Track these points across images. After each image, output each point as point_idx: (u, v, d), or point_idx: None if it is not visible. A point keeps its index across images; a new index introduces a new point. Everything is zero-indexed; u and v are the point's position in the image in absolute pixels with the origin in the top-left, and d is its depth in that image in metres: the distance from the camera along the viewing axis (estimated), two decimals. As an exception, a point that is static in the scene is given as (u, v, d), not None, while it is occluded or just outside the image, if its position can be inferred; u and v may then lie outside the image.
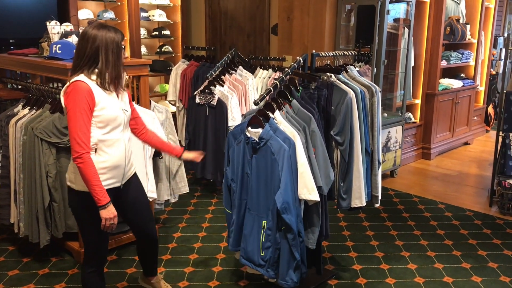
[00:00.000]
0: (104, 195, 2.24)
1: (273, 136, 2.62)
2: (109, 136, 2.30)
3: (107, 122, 2.27)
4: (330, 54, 3.23)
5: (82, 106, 2.17)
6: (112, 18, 6.01)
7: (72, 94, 2.19)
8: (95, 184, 2.21)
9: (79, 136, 2.17)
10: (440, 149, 6.29)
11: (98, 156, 2.27)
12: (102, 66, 2.23)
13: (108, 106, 2.27)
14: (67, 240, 3.51)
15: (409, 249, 3.72)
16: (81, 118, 2.17)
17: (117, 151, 2.33)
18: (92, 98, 2.20)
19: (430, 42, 5.86)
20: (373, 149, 3.12)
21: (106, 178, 2.31)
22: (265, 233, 2.70)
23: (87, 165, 2.18)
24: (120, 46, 2.28)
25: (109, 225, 2.28)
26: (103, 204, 2.23)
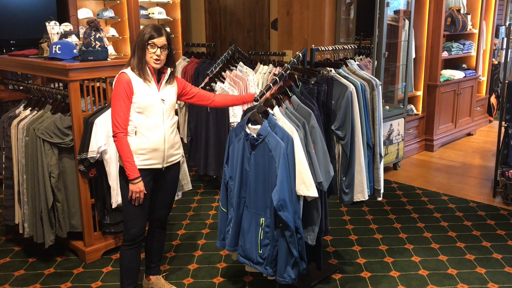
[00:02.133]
0: (133, 170, 2.56)
1: (271, 133, 2.62)
2: (148, 121, 2.60)
3: (144, 108, 2.58)
4: (329, 48, 3.22)
5: (121, 93, 2.54)
6: (112, 17, 6.02)
7: (115, 83, 2.58)
8: (126, 160, 2.56)
9: (116, 118, 2.55)
10: (443, 141, 6.28)
11: (138, 138, 2.60)
12: (133, 59, 2.59)
13: (145, 94, 2.58)
14: (71, 240, 3.53)
15: (413, 241, 3.72)
16: (119, 103, 2.54)
17: (155, 135, 2.62)
18: (130, 87, 2.55)
19: (430, 33, 5.84)
20: (375, 143, 3.11)
21: (145, 158, 2.62)
22: (263, 230, 2.70)
23: (121, 144, 2.55)
24: (145, 42, 2.54)
25: (135, 198, 2.59)
26: (131, 178, 2.56)
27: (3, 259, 3.52)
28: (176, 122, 2.78)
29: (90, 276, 3.27)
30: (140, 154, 2.61)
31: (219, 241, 2.99)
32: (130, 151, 2.57)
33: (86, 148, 3.20)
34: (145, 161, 2.63)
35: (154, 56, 2.57)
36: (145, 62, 2.58)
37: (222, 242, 2.97)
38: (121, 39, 6.14)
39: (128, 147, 2.57)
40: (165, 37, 2.59)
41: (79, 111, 3.27)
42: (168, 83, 2.70)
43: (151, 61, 2.58)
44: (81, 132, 3.26)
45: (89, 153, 3.19)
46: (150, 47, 2.56)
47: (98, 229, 3.51)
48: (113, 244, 3.58)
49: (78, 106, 3.26)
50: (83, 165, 3.26)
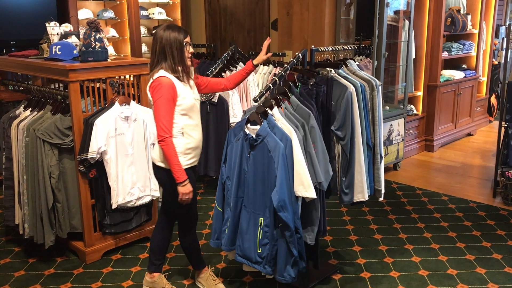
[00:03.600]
0: (182, 173, 2.60)
1: (270, 133, 2.62)
2: (191, 121, 2.69)
3: (187, 109, 2.65)
4: (329, 49, 3.22)
5: (166, 97, 2.53)
6: (112, 17, 6.02)
7: (158, 88, 2.54)
8: (174, 163, 2.58)
9: (163, 122, 2.54)
10: (443, 141, 6.28)
11: (185, 139, 2.66)
12: (170, 62, 2.57)
13: (187, 96, 2.64)
14: (72, 240, 3.54)
15: (413, 242, 3.72)
16: (164, 107, 2.54)
17: (197, 134, 2.73)
18: (174, 91, 2.56)
19: (430, 33, 5.84)
20: (375, 143, 3.11)
21: (191, 157, 2.72)
22: (262, 230, 2.70)
23: (169, 147, 2.55)
24: (182, 42, 2.57)
25: (185, 199, 2.65)
26: (180, 181, 2.60)
27: (4, 259, 3.52)
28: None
29: (90, 277, 3.27)
30: (187, 154, 2.69)
31: (213, 240, 2.99)
32: (177, 155, 2.60)
33: (86, 148, 3.20)
34: (191, 159, 2.73)
35: (189, 54, 2.64)
36: (185, 63, 2.62)
37: (217, 242, 2.97)
38: (121, 39, 6.14)
39: (175, 150, 2.59)
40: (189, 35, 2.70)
41: (79, 112, 3.27)
42: (193, 81, 2.78)
43: (187, 60, 2.64)
44: (81, 133, 3.26)
45: (89, 154, 3.19)
46: (187, 46, 2.62)
47: (98, 230, 3.51)
48: (113, 244, 3.58)
49: (78, 106, 3.26)
50: (83, 166, 3.26)
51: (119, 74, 3.45)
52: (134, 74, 3.54)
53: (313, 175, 2.69)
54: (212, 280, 3.07)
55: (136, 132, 3.38)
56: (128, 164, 3.35)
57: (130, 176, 3.36)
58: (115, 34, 6.08)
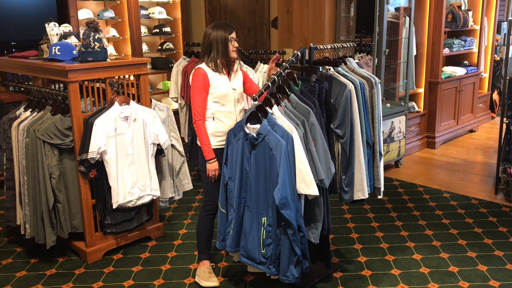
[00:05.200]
0: (209, 152, 2.93)
1: (271, 132, 2.62)
2: (223, 108, 2.97)
3: (219, 97, 2.94)
4: (328, 46, 3.21)
5: (199, 86, 2.90)
6: (112, 17, 6.02)
7: (194, 77, 2.94)
8: (203, 143, 2.94)
9: (195, 107, 2.92)
10: (445, 138, 6.26)
11: (215, 123, 2.97)
12: (214, 55, 2.92)
13: (220, 85, 2.93)
14: (73, 240, 3.55)
15: (414, 239, 3.71)
16: (197, 94, 2.91)
17: (228, 120, 2.99)
18: (206, 80, 2.91)
19: (431, 30, 5.82)
20: (374, 141, 3.10)
21: (221, 140, 2.98)
22: (266, 229, 2.70)
23: (199, 129, 2.93)
24: (227, 39, 2.91)
25: (212, 176, 2.97)
26: (207, 159, 2.95)
27: (5, 260, 3.54)
28: (244, 107, 3.12)
29: (92, 277, 3.28)
30: (217, 136, 2.97)
31: (218, 242, 2.99)
32: (207, 136, 2.94)
33: (86, 149, 3.21)
34: (220, 142, 2.98)
35: (234, 48, 2.96)
36: (228, 56, 2.94)
37: (222, 243, 2.97)
38: (121, 39, 6.15)
39: (205, 132, 2.94)
40: (234, 31, 2.99)
41: (78, 112, 3.27)
42: (237, 73, 3.06)
43: (232, 53, 2.96)
44: (81, 133, 3.27)
45: (89, 154, 3.19)
46: (232, 41, 2.94)
47: (99, 230, 3.52)
48: (115, 244, 3.59)
49: (77, 107, 3.26)
50: (83, 166, 3.27)
51: (118, 74, 3.45)
52: (133, 74, 3.54)
53: (314, 173, 2.68)
54: (208, 273, 3.15)
55: (136, 131, 3.38)
56: (128, 164, 3.35)
57: (131, 176, 3.36)
58: (115, 34, 6.08)
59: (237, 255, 2.98)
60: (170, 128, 3.86)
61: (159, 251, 3.62)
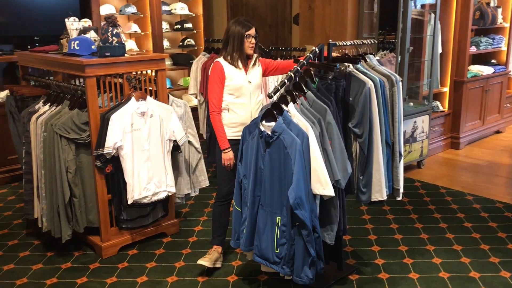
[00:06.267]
0: (224, 142, 3.04)
1: (286, 130, 2.57)
2: (237, 100, 3.06)
3: (234, 90, 3.04)
4: (348, 43, 3.13)
5: (215, 78, 3.04)
6: (134, 13, 6.04)
7: (212, 70, 3.07)
8: (218, 134, 3.05)
9: (211, 99, 3.05)
10: (470, 138, 6.09)
11: (230, 114, 3.08)
12: (230, 49, 3.04)
13: (235, 78, 3.04)
14: (89, 235, 3.56)
15: (434, 242, 3.61)
16: (213, 87, 3.04)
17: (244, 112, 3.08)
18: (222, 73, 3.03)
19: (458, 27, 5.66)
20: (394, 141, 3.02)
21: (235, 131, 3.08)
22: (280, 229, 2.65)
23: (215, 120, 3.05)
24: (243, 35, 3.01)
25: (227, 165, 3.07)
26: (222, 148, 3.05)
27: (23, 252, 3.57)
28: (262, 100, 3.19)
29: (106, 272, 3.29)
30: (231, 127, 3.08)
31: (233, 240, 2.96)
32: (222, 127, 3.05)
33: (102, 144, 3.21)
34: (235, 133, 3.07)
35: (250, 45, 3.03)
36: (243, 51, 3.03)
37: (237, 242, 2.93)
38: (143, 35, 6.16)
39: (220, 123, 3.05)
40: (254, 27, 3.06)
41: (95, 107, 3.27)
42: (254, 66, 3.13)
43: (248, 49, 3.05)
44: (97, 128, 3.27)
45: (105, 149, 3.19)
46: (247, 38, 3.01)
47: (114, 225, 3.52)
48: (130, 239, 3.59)
49: (94, 101, 3.26)
50: (99, 161, 3.27)
51: (136, 70, 3.44)
52: (151, 69, 3.52)
53: (330, 173, 2.62)
54: (209, 255, 3.23)
55: (152, 127, 3.36)
56: (144, 160, 3.34)
57: (146, 172, 3.35)
58: (137, 30, 6.10)
59: (251, 254, 2.93)
60: (187, 125, 3.84)
61: (173, 248, 3.61)
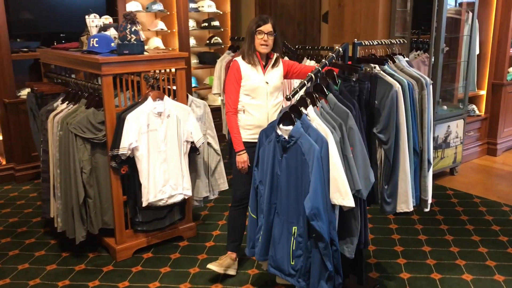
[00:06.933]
0: (239, 144, 2.92)
1: (304, 135, 2.40)
2: (254, 101, 2.94)
3: (250, 90, 2.92)
4: (374, 42, 2.94)
5: (231, 78, 2.94)
6: (160, 10, 5.97)
7: (229, 69, 2.98)
8: (233, 135, 2.94)
9: (227, 99, 2.95)
10: (508, 145, 5.76)
11: (245, 116, 2.96)
12: (245, 47, 2.93)
13: (251, 78, 2.91)
14: (104, 236, 3.49)
15: (466, 257, 3.37)
16: (229, 87, 2.94)
17: (260, 114, 2.95)
18: (239, 73, 2.91)
19: (498, 27, 5.34)
20: (423, 148, 2.81)
21: (251, 133, 2.95)
22: (296, 240, 2.49)
23: (230, 120, 2.94)
24: (253, 32, 2.87)
25: (241, 168, 2.95)
26: (237, 150, 2.94)
27: (39, 251, 3.54)
28: (281, 102, 3.04)
29: (119, 275, 3.20)
30: (247, 129, 2.95)
31: (248, 248, 2.82)
32: (237, 128, 2.93)
33: (117, 144, 3.12)
34: (251, 135, 2.94)
35: (262, 42, 2.86)
36: (254, 49, 2.90)
37: (252, 250, 2.79)
38: (169, 32, 6.08)
39: (236, 124, 2.93)
40: (270, 24, 2.88)
41: (112, 106, 3.19)
42: (274, 67, 2.98)
43: (259, 47, 2.88)
44: (113, 128, 3.19)
45: (120, 150, 3.11)
46: (258, 34, 2.86)
47: (130, 227, 3.44)
48: (145, 242, 3.50)
49: (111, 100, 3.18)
50: (115, 162, 3.19)
51: (154, 68, 3.34)
52: (170, 68, 3.42)
53: (350, 182, 2.44)
54: (222, 262, 3.12)
55: (169, 128, 3.26)
56: (160, 161, 3.24)
57: (162, 174, 3.25)
58: (163, 27, 6.03)
59: (265, 264, 2.79)
60: (206, 126, 3.72)
61: (189, 252, 3.50)
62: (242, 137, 2.95)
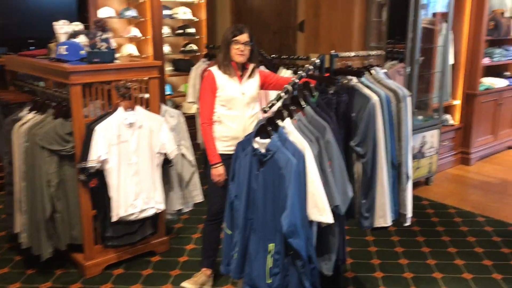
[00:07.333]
0: (214, 156, 2.84)
1: (281, 148, 2.33)
2: (230, 112, 2.86)
3: (226, 101, 2.85)
4: (352, 54, 2.89)
5: (206, 88, 2.86)
6: (134, 16, 5.85)
7: (203, 79, 2.91)
8: (208, 147, 2.87)
9: (202, 110, 2.86)
10: (481, 154, 5.82)
11: (221, 127, 2.87)
12: (221, 57, 2.86)
13: (227, 89, 2.84)
14: (72, 252, 3.34)
15: (443, 269, 3.35)
16: (204, 97, 2.86)
17: (236, 125, 2.87)
18: (214, 83, 2.83)
19: (471, 38, 5.41)
20: (401, 161, 2.77)
21: (227, 145, 2.87)
22: (273, 257, 2.41)
23: (205, 132, 2.87)
24: (229, 41, 2.80)
25: (217, 181, 2.87)
26: (212, 163, 2.86)
27: (2, 269, 3.36)
28: (258, 113, 2.96)
29: (87, 293, 3.07)
30: (223, 141, 2.88)
31: (223, 266, 2.71)
32: (212, 139, 2.85)
33: (86, 156, 3.00)
34: (227, 147, 2.87)
35: (238, 52, 2.79)
36: (230, 59, 2.83)
37: (227, 268, 2.69)
38: (143, 39, 5.96)
39: (211, 135, 2.86)
40: (246, 33, 2.82)
41: (80, 117, 3.07)
42: (250, 77, 2.91)
43: (235, 56, 2.81)
44: (82, 139, 3.06)
45: (88, 162, 2.98)
46: (234, 44, 2.79)
47: (99, 242, 3.30)
48: (115, 258, 3.37)
49: (79, 111, 3.06)
50: (83, 175, 3.06)
51: (126, 77, 3.22)
52: (142, 77, 3.31)
53: (328, 197, 2.37)
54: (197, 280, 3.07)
55: (141, 139, 3.15)
56: (131, 174, 3.12)
57: (134, 187, 3.13)
58: (137, 34, 5.90)
59: (241, 282, 2.69)
60: (180, 136, 3.62)
61: (162, 268, 3.38)
62: (218, 149, 2.87)
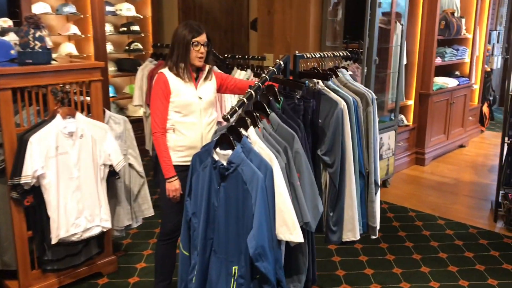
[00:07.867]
0: (169, 169, 2.56)
1: (245, 161, 2.08)
2: (186, 119, 2.59)
3: (181, 107, 2.57)
4: (317, 55, 2.69)
5: (158, 93, 2.56)
6: (73, 13, 5.40)
7: (154, 83, 2.59)
8: (162, 159, 2.57)
9: (154, 117, 2.57)
10: (435, 154, 5.82)
11: (176, 136, 2.59)
12: (175, 58, 2.55)
13: (182, 93, 2.56)
14: (5, 279, 2.94)
15: (409, 279, 3.22)
16: (156, 103, 2.56)
17: (192, 133, 2.60)
18: (167, 87, 2.55)
19: (424, 37, 5.38)
20: (369, 170, 2.60)
21: (183, 156, 2.59)
22: (236, 281, 2.16)
23: (158, 143, 2.57)
24: (189, 43, 2.51)
25: (172, 196, 2.59)
26: (167, 177, 2.57)
27: None
28: (215, 119, 2.72)
29: (23, 328, 2.69)
30: (178, 151, 2.60)
31: None
32: (167, 150, 2.57)
33: (19, 171, 2.62)
34: (182, 158, 2.60)
35: (199, 54, 2.55)
36: (188, 61, 2.56)
37: None
38: (84, 37, 5.52)
39: (165, 146, 2.58)
40: (205, 33, 2.57)
41: (11, 126, 2.69)
42: (207, 80, 2.66)
43: (196, 59, 2.56)
44: (14, 152, 2.68)
45: (22, 178, 2.61)
46: (195, 46, 2.53)
47: (37, 267, 2.92)
48: (56, 283, 3.01)
49: (10, 119, 2.67)
50: (16, 192, 2.68)
51: (64, 81, 2.86)
52: (82, 80, 2.95)
53: (298, 213, 2.16)
54: None
55: (83, 150, 2.80)
56: (72, 190, 2.77)
57: (76, 204, 2.78)
58: (76, 32, 5.45)
59: (201, 309, 2.42)
60: (127, 144, 3.29)
61: (110, 292, 3.05)
62: (172, 161, 2.58)
